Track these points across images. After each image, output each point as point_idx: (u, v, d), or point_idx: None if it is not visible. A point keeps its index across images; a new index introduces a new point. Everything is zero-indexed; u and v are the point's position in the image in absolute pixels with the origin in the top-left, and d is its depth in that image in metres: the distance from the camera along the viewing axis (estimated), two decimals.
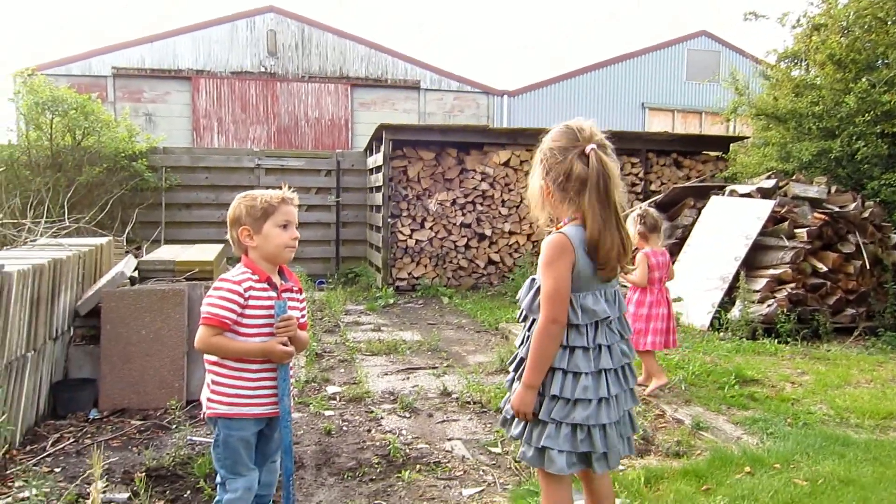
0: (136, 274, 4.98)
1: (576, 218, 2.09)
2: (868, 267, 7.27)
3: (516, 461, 3.48)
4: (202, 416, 2.32)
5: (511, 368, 2.23)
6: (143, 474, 3.03)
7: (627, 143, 9.99)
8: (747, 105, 9.79)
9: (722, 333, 6.66)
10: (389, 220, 9.43)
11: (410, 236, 9.57)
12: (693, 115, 20.70)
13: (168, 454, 3.31)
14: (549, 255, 2.05)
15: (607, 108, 19.70)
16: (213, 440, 2.31)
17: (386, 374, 5.21)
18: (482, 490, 3.13)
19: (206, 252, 5.41)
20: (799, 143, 8.87)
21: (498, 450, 3.66)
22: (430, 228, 9.62)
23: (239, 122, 16.63)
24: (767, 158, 9.46)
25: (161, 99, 16.30)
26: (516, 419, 2.16)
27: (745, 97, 9.88)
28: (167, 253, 5.46)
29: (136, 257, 6.22)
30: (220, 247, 5.93)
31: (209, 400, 2.29)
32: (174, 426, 3.66)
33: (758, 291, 7.04)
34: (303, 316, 2.45)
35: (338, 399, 4.52)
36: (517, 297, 2.27)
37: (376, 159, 9.84)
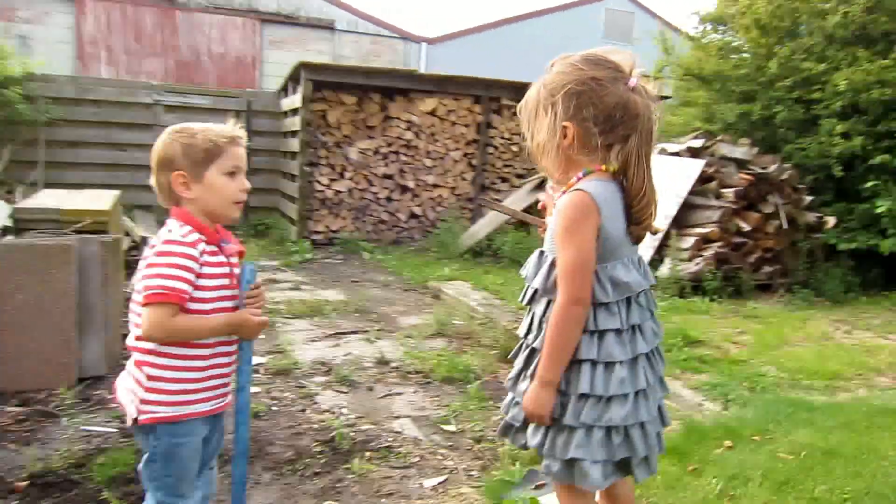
0: (9, 223, 4.13)
1: (595, 170, 1.66)
2: (785, 227, 7.47)
3: (475, 441, 3.12)
4: (129, 424, 1.72)
5: (516, 362, 1.78)
6: (27, 483, 2.38)
7: None
8: (675, 65, 9.74)
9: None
10: (307, 168, 8.69)
11: (329, 186, 8.90)
12: None
13: (58, 453, 2.65)
14: (569, 219, 1.61)
15: (528, 62, 19.36)
16: (146, 455, 1.74)
17: (313, 341, 4.68)
18: (445, 479, 2.73)
19: (101, 199, 4.59)
20: (723, 105, 8.93)
21: (452, 427, 3.27)
22: (351, 179, 8.98)
23: (132, 53, 14.85)
24: (692, 118, 9.50)
25: (38, 20, 14.22)
26: (532, 425, 1.72)
27: (673, 57, 9.83)
28: (50, 199, 4.59)
29: (8, 203, 5.27)
30: (115, 193, 5.07)
31: (145, 402, 1.70)
32: (63, 413, 2.98)
33: (686, 250, 7.06)
34: None
35: (262, 372, 3.96)
36: (522, 274, 1.80)
37: (293, 101, 8.98)
